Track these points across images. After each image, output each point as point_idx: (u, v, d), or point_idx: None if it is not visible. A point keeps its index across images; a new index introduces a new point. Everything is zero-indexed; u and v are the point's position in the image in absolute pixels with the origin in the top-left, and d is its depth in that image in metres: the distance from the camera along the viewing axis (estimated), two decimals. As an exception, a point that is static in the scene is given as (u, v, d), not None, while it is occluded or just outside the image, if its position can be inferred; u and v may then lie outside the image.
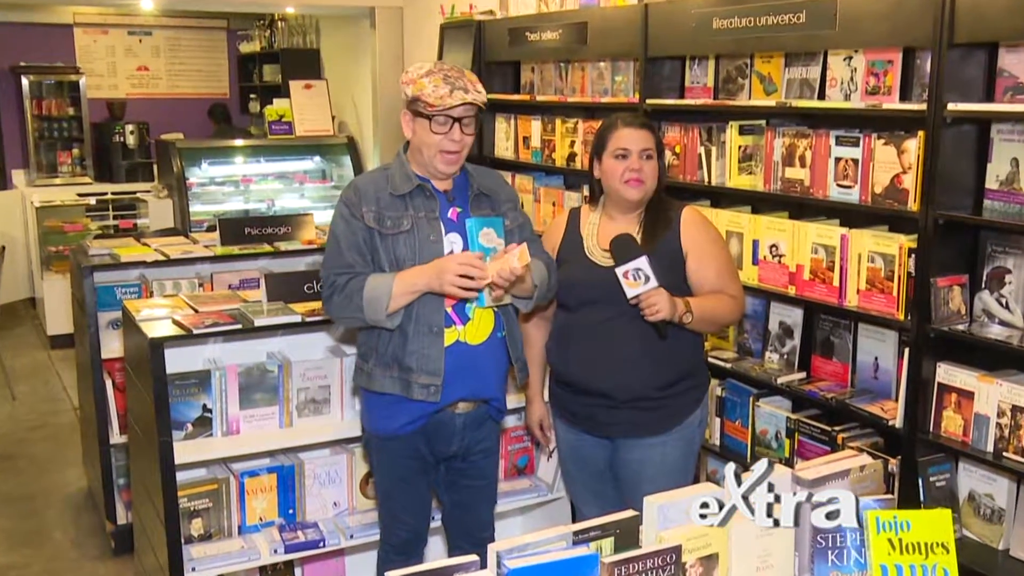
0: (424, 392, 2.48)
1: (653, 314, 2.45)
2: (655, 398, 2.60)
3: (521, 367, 2.64)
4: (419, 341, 2.47)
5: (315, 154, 7.48)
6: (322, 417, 3.01)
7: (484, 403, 2.60)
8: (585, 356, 2.65)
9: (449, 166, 2.50)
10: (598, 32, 4.12)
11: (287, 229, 4.22)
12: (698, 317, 2.53)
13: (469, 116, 2.47)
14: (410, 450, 2.58)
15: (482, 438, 2.64)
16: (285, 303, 3.04)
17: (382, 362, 2.52)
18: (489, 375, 2.57)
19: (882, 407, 3.00)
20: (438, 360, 2.47)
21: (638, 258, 2.46)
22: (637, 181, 2.61)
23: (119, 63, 10.01)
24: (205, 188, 7.11)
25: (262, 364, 2.94)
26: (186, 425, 2.85)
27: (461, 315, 2.51)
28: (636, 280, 2.46)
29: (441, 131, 2.45)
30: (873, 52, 3.05)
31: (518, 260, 2.34)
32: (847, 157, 3.06)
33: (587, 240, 2.70)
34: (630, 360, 2.59)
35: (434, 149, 2.47)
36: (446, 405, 2.53)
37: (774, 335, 3.48)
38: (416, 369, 2.47)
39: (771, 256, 3.31)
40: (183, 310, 3.04)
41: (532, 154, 4.72)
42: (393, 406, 2.53)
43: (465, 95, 2.42)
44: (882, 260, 2.94)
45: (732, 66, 3.62)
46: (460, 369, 2.50)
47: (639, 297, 2.46)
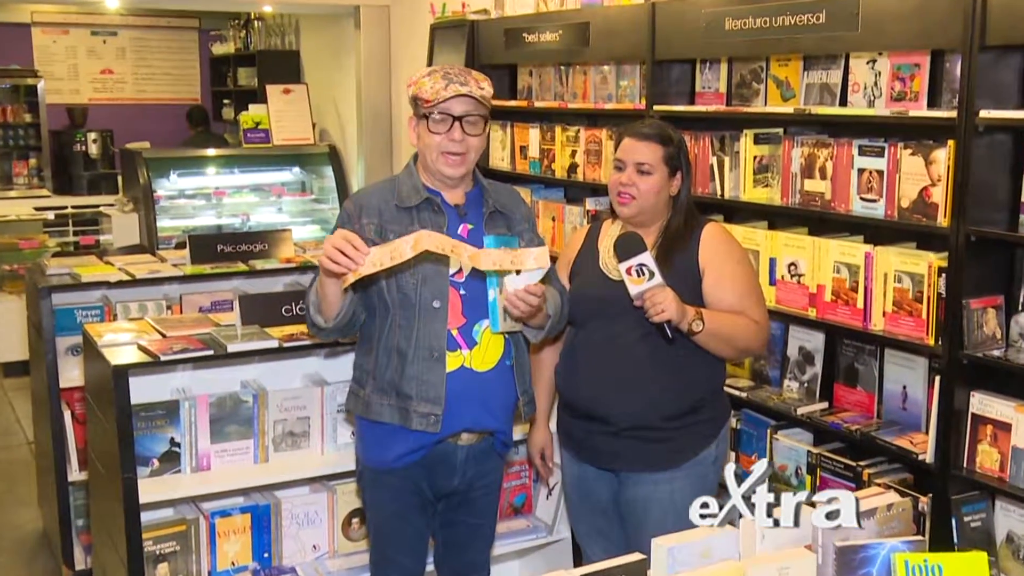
0: (424, 422, 2.47)
1: (658, 314, 2.45)
2: (660, 428, 2.60)
3: (528, 400, 2.63)
4: (418, 366, 2.47)
5: (294, 165, 7.49)
6: (301, 452, 3.01)
7: (489, 435, 2.60)
8: (589, 376, 2.66)
9: (454, 168, 2.50)
10: (601, 33, 4.15)
11: (263, 246, 4.21)
12: (709, 329, 2.52)
13: (473, 115, 2.48)
14: (408, 484, 2.57)
15: (485, 473, 2.64)
16: (261, 327, 3.03)
17: (379, 388, 2.52)
18: (495, 405, 2.57)
19: (911, 440, 3.00)
20: (438, 387, 2.47)
21: (642, 253, 2.48)
22: (626, 196, 2.63)
23: (81, 66, 10.05)
24: (174, 201, 7.11)
25: (235, 394, 2.94)
26: (152, 460, 2.84)
27: (468, 339, 2.51)
28: (640, 276, 2.47)
29: (440, 130, 2.47)
30: (899, 55, 3.07)
31: (535, 260, 2.29)
32: (871, 168, 3.08)
33: (604, 253, 2.72)
34: (635, 383, 2.60)
35: (435, 151, 2.48)
36: (448, 436, 2.52)
37: (793, 362, 3.49)
38: (415, 396, 2.47)
39: (789, 276, 3.32)
40: (149, 335, 3.03)
41: (530, 165, 4.73)
42: (390, 436, 2.53)
43: (461, 88, 2.44)
44: (910, 280, 2.94)
45: (746, 70, 3.64)
46: (464, 397, 2.49)
47: (643, 296, 2.47)
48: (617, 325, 2.61)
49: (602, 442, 2.66)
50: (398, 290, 2.48)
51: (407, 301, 2.48)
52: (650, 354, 2.57)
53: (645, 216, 2.66)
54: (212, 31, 10.36)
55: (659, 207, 2.67)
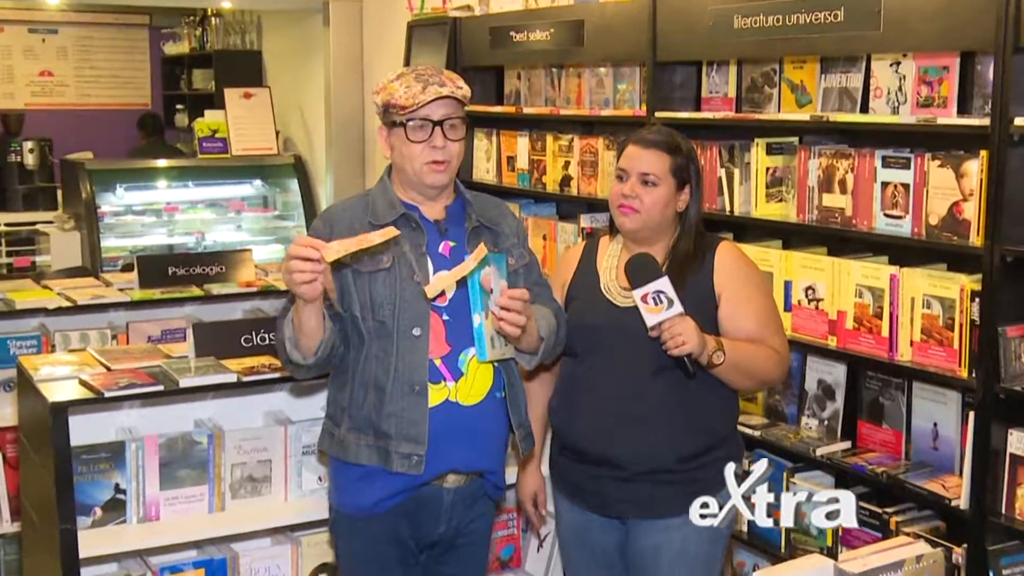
0: (405, 463, 2.48)
1: (678, 346, 2.46)
2: (675, 470, 2.61)
3: (525, 435, 2.64)
4: (398, 401, 2.48)
5: (255, 177, 7.51)
6: (261, 499, 3.00)
7: (478, 476, 2.61)
8: (593, 415, 2.66)
9: (438, 176, 2.53)
10: (597, 31, 4.18)
11: (220, 268, 4.22)
12: (731, 361, 2.54)
13: (453, 118, 2.52)
14: (387, 533, 2.57)
15: (473, 519, 2.65)
16: (217, 359, 3.03)
17: (355, 426, 2.53)
18: (485, 443, 2.57)
19: (943, 484, 3.02)
20: (420, 424, 2.48)
21: (659, 279, 2.49)
22: (628, 208, 2.65)
23: (17, 67, 10.07)
24: (120, 218, 7.11)
25: (188, 434, 2.93)
26: (94, 509, 2.83)
27: (453, 369, 2.52)
28: (658, 304, 2.48)
29: (420, 138, 2.49)
30: (925, 56, 3.12)
31: (473, 259, 2.36)
32: (896, 182, 3.12)
33: (604, 275, 2.74)
34: (647, 421, 2.61)
35: (418, 162, 2.51)
36: (432, 478, 2.53)
37: (812, 396, 3.52)
38: (395, 435, 2.48)
39: (807, 300, 3.36)
40: (92, 368, 3.03)
41: (518, 177, 4.77)
42: (368, 479, 2.53)
43: (441, 89, 2.47)
44: (940, 305, 2.98)
45: (758, 73, 3.70)
46: (450, 435, 2.50)
47: (660, 326, 2.49)
48: (625, 358, 2.62)
49: (610, 488, 2.66)
50: (374, 318, 2.50)
51: (384, 329, 2.50)
52: (664, 389, 2.59)
53: (649, 232, 2.68)
54: (164, 29, 10.38)
55: (664, 223, 2.69)
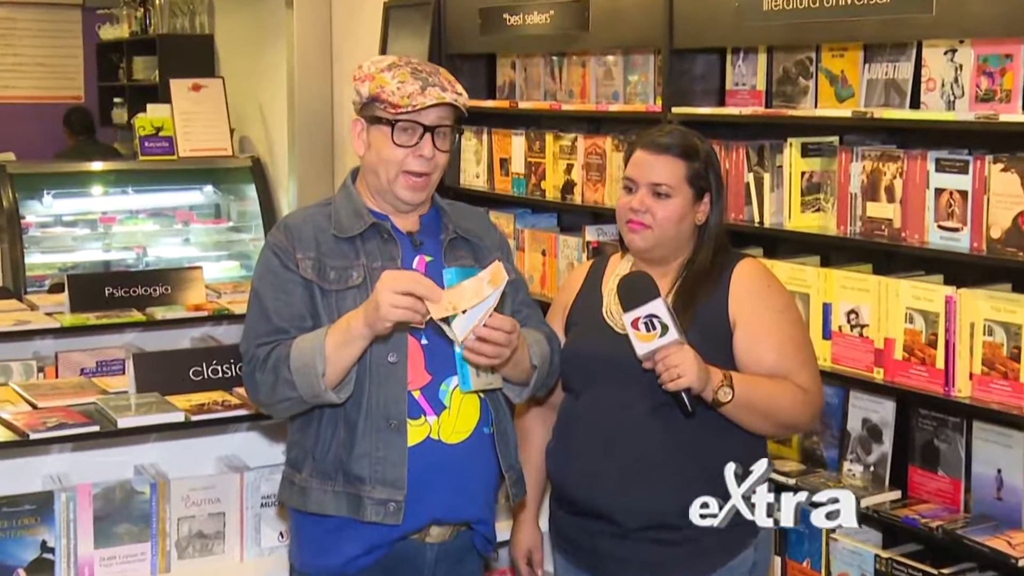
0: (380, 511, 2.46)
1: (673, 380, 2.43)
2: (679, 527, 2.52)
3: (515, 479, 2.64)
4: (371, 440, 2.46)
5: (206, 182, 7.51)
6: (213, 558, 2.99)
7: (466, 528, 2.60)
8: (588, 459, 2.64)
9: (415, 193, 2.53)
10: (604, 14, 4.19)
11: (166, 289, 4.21)
12: (740, 399, 2.50)
13: (445, 126, 2.52)
14: None
15: None
16: (162, 395, 3.03)
17: (320, 471, 2.51)
18: (472, 487, 2.56)
19: (1008, 540, 3.01)
20: (399, 466, 2.46)
21: (652, 301, 2.45)
22: (637, 224, 2.63)
23: (-73, 54, 10.08)
24: (48, 230, 7.10)
25: (127, 483, 2.92)
26: (16, 571, 2.81)
27: (434, 402, 2.51)
28: (651, 331, 2.44)
29: (406, 143, 2.49)
30: (985, 43, 3.12)
31: (490, 283, 2.30)
32: (952, 188, 3.11)
33: (608, 297, 2.72)
34: (646, 468, 2.58)
35: (395, 169, 2.50)
36: (412, 531, 2.52)
37: (855, 438, 3.50)
38: (368, 479, 2.46)
39: (849, 327, 3.34)
40: (15, 405, 3.03)
41: (513, 182, 4.77)
42: (336, 534, 2.51)
43: (443, 94, 2.47)
44: (1004, 332, 2.97)
45: (791, 62, 3.69)
46: (432, 478, 2.49)
47: (653, 355, 2.45)
48: (625, 393, 2.60)
49: (605, 545, 2.64)
50: None
51: None
52: (664, 431, 2.56)
53: (664, 250, 2.67)
54: (99, 10, 10.41)
55: (681, 239, 2.67)
